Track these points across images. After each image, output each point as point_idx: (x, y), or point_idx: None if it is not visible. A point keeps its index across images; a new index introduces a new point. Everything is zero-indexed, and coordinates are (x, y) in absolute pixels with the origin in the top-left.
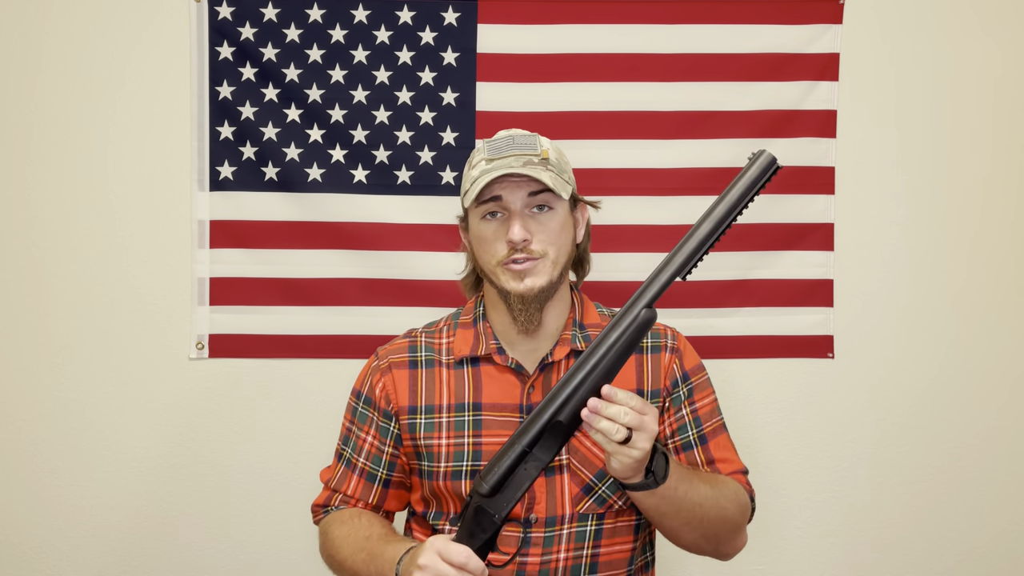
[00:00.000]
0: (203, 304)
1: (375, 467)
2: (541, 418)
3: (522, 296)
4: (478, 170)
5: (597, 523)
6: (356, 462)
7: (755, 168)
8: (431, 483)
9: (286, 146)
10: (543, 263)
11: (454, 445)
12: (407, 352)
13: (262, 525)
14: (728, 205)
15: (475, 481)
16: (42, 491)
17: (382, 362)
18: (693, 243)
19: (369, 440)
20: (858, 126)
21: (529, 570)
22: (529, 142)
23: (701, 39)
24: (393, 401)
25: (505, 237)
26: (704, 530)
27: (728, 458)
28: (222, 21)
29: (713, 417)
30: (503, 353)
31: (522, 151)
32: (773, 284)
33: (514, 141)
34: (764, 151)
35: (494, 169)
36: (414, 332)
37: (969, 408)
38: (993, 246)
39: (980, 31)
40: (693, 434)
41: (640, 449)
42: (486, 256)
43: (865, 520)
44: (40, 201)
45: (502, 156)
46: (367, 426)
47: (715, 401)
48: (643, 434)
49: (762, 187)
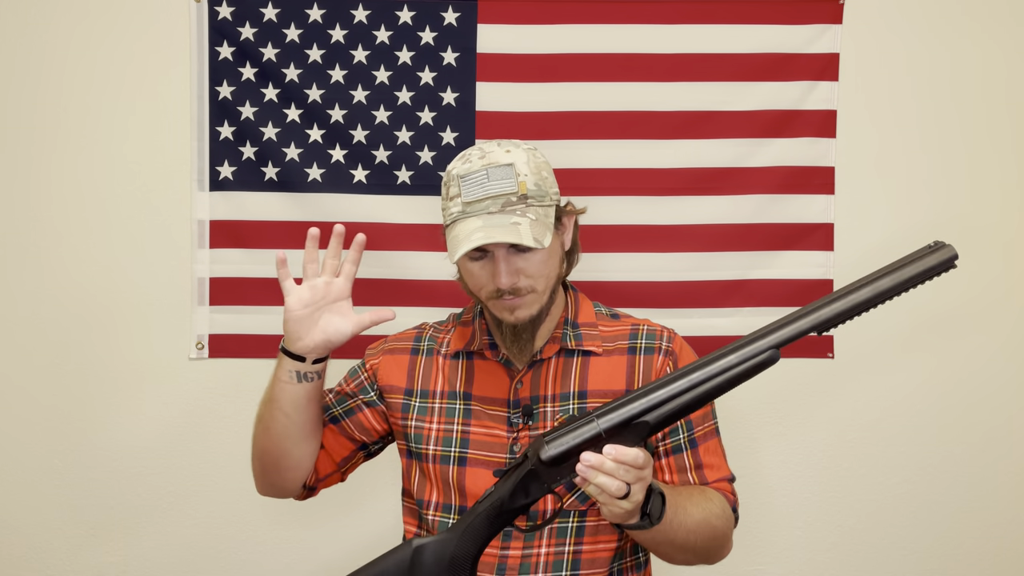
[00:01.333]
0: (203, 304)
1: (335, 404)
2: (628, 409)
3: (513, 326)
4: (454, 213)
5: (579, 520)
6: (326, 395)
7: (935, 257)
8: (420, 464)
9: (286, 146)
10: (532, 296)
11: (444, 431)
12: (412, 340)
13: (262, 525)
14: (894, 281)
15: (535, 443)
16: (42, 491)
17: (388, 345)
18: (845, 304)
19: (347, 388)
20: (858, 126)
21: (510, 564)
22: (506, 176)
23: (701, 39)
24: (383, 377)
25: (492, 278)
26: (696, 551)
27: (716, 464)
28: (222, 21)
29: (706, 421)
30: (495, 348)
31: (499, 190)
32: (773, 284)
33: (488, 179)
34: (949, 245)
35: (471, 229)
36: (424, 325)
37: (969, 408)
38: (994, 246)
39: (980, 31)
40: (684, 437)
41: (634, 502)
42: (474, 287)
43: (865, 520)
44: (40, 201)
45: (478, 200)
46: (352, 378)
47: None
48: (639, 485)
49: (931, 278)
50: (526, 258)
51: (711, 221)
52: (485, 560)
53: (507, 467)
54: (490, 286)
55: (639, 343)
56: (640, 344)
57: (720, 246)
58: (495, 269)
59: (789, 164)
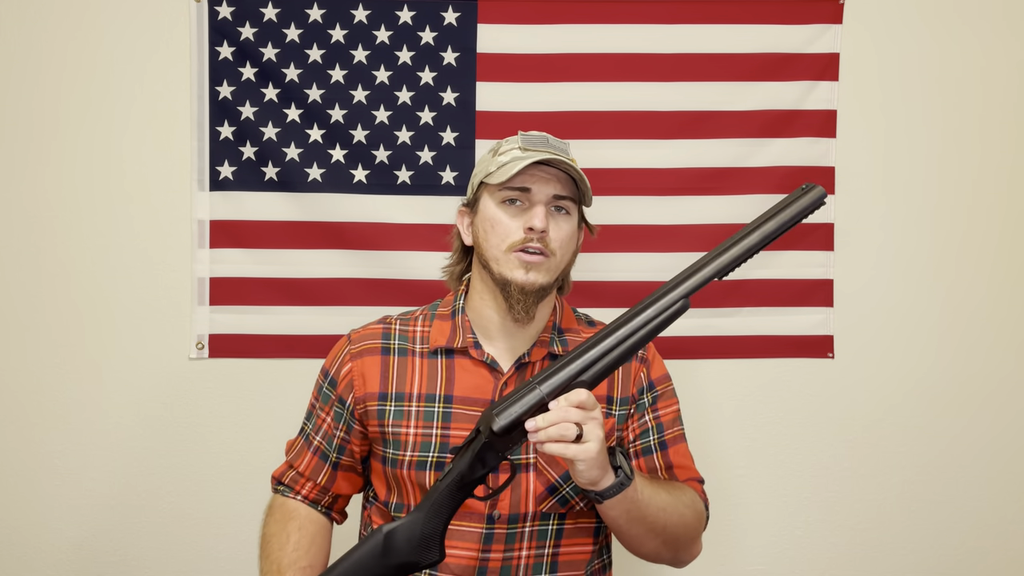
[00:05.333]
0: (203, 304)
1: (328, 448)
2: (566, 372)
3: (523, 287)
4: (509, 156)
5: (559, 523)
6: (313, 439)
7: (808, 198)
8: (394, 471)
9: (286, 146)
10: (550, 262)
11: (422, 435)
12: (380, 339)
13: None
14: (778, 224)
15: (485, 416)
16: (42, 491)
17: (354, 347)
18: (740, 249)
19: (328, 420)
20: (858, 126)
21: (491, 566)
22: (562, 147)
23: (701, 39)
24: (359, 387)
25: (523, 223)
26: (665, 537)
27: (686, 465)
28: (222, 21)
29: (675, 426)
30: (479, 348)
31: (556, 152)
32: (773, 284)
33: (548, 141)
34: (818, 187)
35: (529, 157)
36: (388, 319)
37: (970, 408)
38: (994, 246)
39: (980, 31)
40: (654, 439)
41: (596, 438)
42: (496, 239)
43: (865, 520)
44: (40, 201)
45: (538, 149)
46: (327, 406)
47: (678, 411)
48: (592, 423)
49: (806, 216)
50: (558, 222)
51: (711, 221)
52: (466, 563)
53: (463, 443)
54: (517, 234)
55: None
56: None
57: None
58: (532, 213)
59: (789, 164)
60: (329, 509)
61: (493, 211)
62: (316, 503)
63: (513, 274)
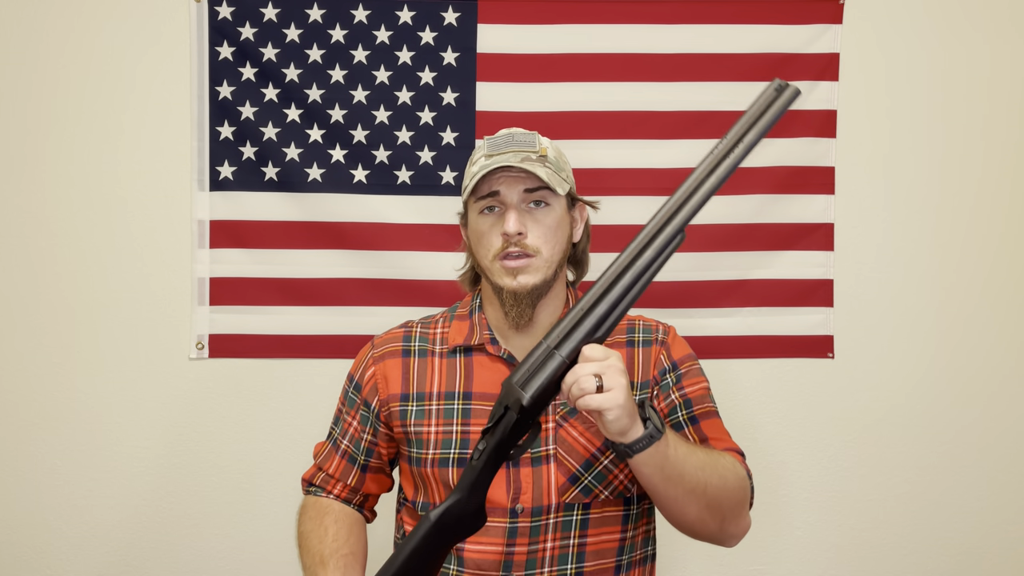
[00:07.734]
0: (203, 304)
1: (356, 451)
2: (581, 331)
3: (514, 293)
4: (477, 166)
5: (583, 513)
6: (341, 443)
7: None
8: (419, 469)
9: (286, 146)
10: (537, 261)
11: (442, 433)
12: (401, 341)
13: (262, 525)
14: (759, 132)
15: (509, 392)
16: (42, 491)
17: (377, 351)
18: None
19: (354, 424)
20: (858, 126)
21: (516, 559)
22: (528, 140)
23: (701, 39)
24: (382, 390)
25: (500, 230)
26: (708, 500)
27: (722, 437)
28: (222, 21)
29: (704, 402)
30: (496, 343)
31: (520, 148)
32: (773, 284)
33: (513, 138)
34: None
35: (492, 164)
36: (410, 323)
37: (970, 408)
38: (993, 245)
39: (980, 31)
40: (683, 415)
41: (618, 384)
42: (482, 251)
43: (865, 520)
44: (40, 201)
45: (501, 152)
46: (353, 410)
47: (707, 389)
48: (611, 371)
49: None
50: (536, 217)
51: (711, 221)
52: (492, 558)
53: (490, 423)
54: (496, 244)
55: (636, 336)
56: (637, 337)
57: (720, 246)
58: (505, 217)
59: (789, 164)
60: (360, 507)
61: (475, 223)
62: (348, 501)
63: (503, 281)
